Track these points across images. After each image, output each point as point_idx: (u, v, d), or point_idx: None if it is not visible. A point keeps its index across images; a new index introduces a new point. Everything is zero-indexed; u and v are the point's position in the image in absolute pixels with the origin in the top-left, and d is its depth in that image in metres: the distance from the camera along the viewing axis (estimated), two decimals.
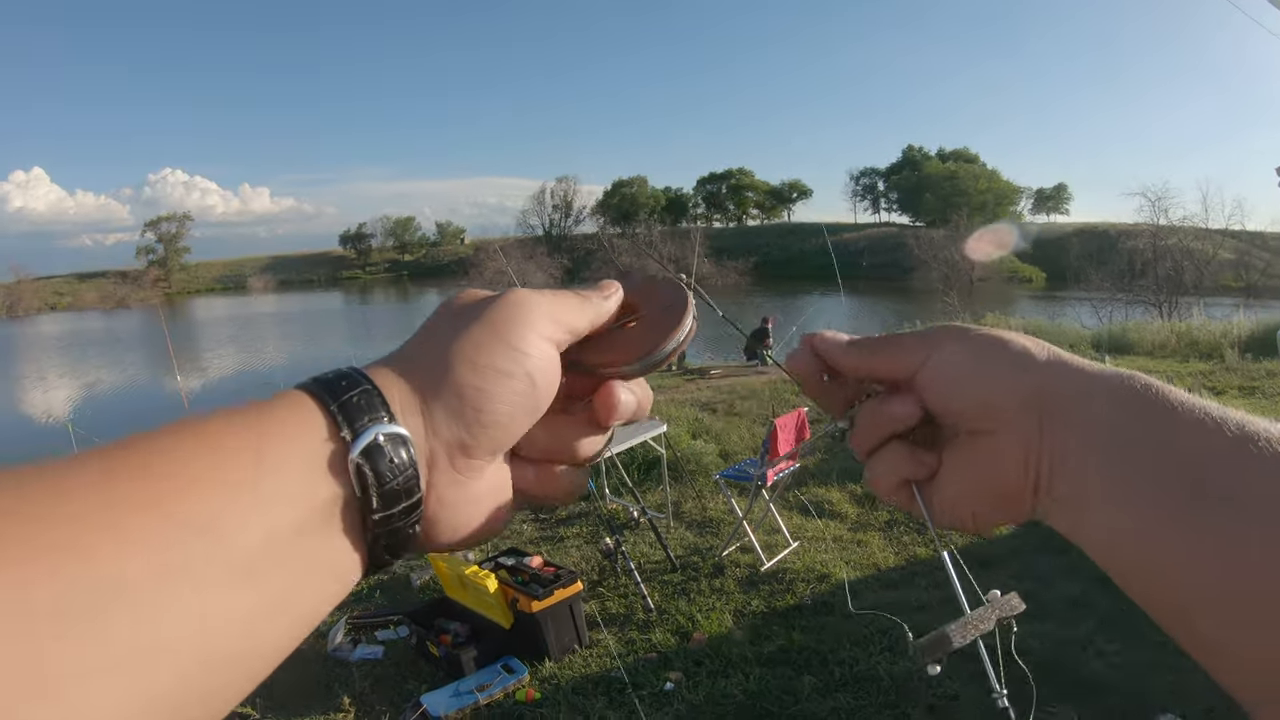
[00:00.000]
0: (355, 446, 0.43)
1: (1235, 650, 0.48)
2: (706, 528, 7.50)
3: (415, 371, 0.49)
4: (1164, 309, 28.43)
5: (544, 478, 0.57)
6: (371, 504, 0.44)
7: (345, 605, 6.51)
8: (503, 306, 0.52)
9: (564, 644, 5.35)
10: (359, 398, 0.45)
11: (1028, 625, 5.20)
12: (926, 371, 0.61)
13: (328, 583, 0.44)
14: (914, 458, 0.64)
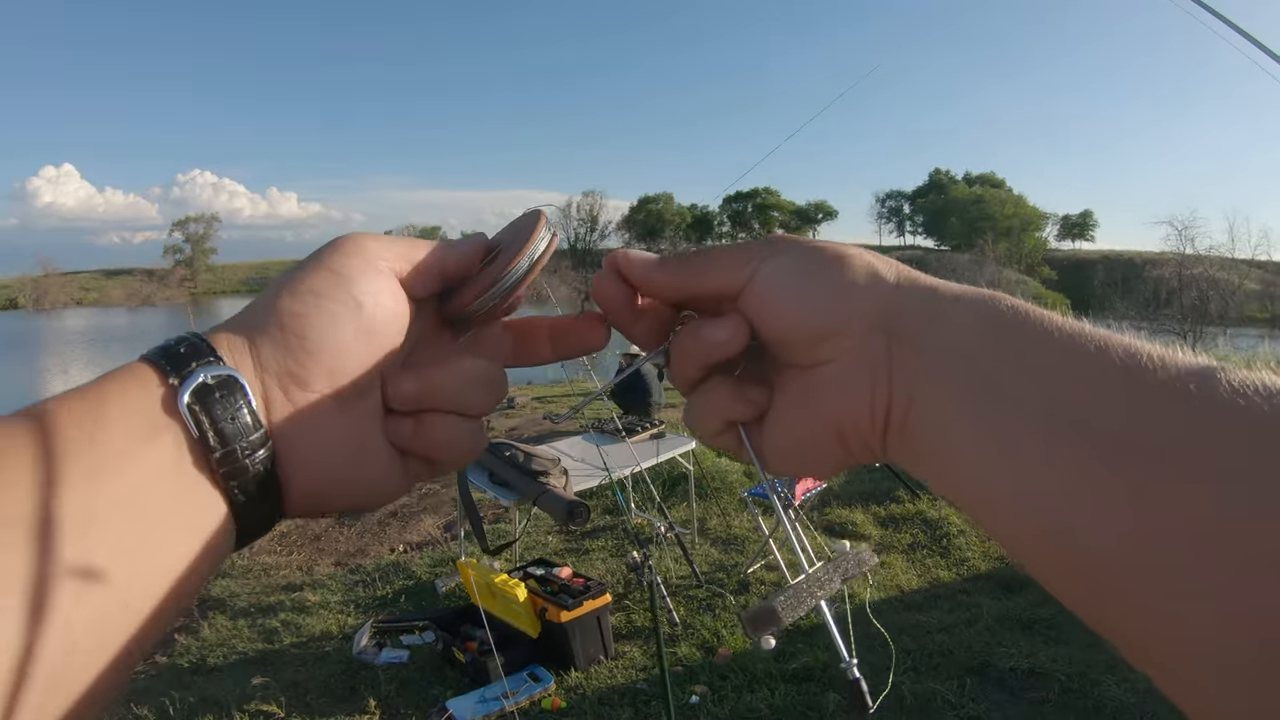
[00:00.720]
0: (183, 391, 0.43)
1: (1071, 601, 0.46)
2: (731, 544, 7.53)
3: (243, 317, 0.50)
4: (1188, 339, 28.18)
5: (421, 431, 0.54)
6: (209, 442, 0.44)
7: (371, 609, 6.57)
8: (336, 243, 0.53)
9: (590, 655, 5.38)
10: (185, 348, 0.46)
11: (1049, 649, 5.23)
12: (751, 290, 0.53)
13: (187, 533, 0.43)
14: (739, 395, 0.56)
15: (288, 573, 7.78)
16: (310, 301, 0.49)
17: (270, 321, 0.48)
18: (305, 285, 0.49)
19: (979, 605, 6.00)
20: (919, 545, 7.45)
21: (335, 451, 0.50)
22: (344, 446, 0.51)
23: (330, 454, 0.50)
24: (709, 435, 0.59)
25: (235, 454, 0.44)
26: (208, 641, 6.29)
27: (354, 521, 9.16)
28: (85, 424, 0.40)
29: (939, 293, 0.50)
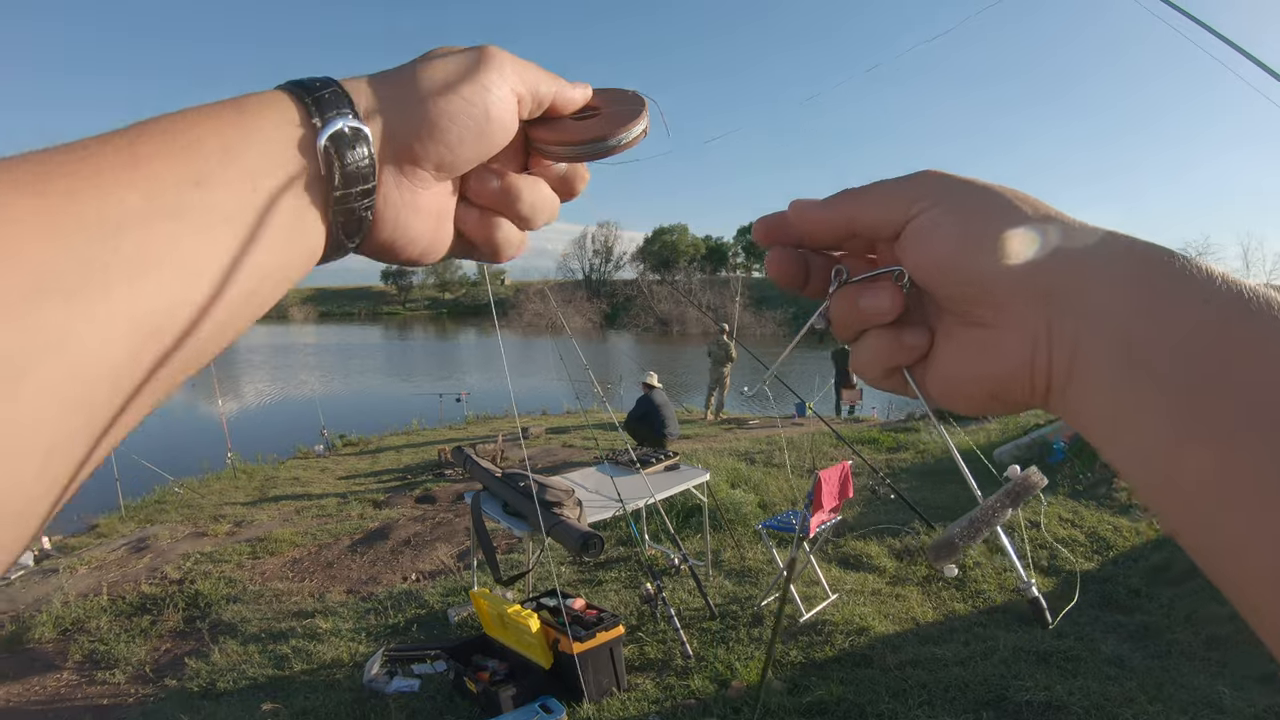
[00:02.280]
0: (323, 133, 0.50)
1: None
2: (745, 577, 7.49)
3: (385, 84, 0.55)
4: None
5: (484, 224, 0.64)
6: (334, 182, 0.51)
7: (382, 638, 6.55)
8: (482, 52, 0.58)
9: (603, 687, 5.35)
10: (329, 95, 0.52)
11: (1067, 682, 5.18)
12: (909, 237, 0.54)
13: (294, 245, 0.51)
14: (899, 343, 0.59)
15: (300, 599, 7.77)
16: (455, 102, 0.55)
17: (409, 100, 0.55)
18: (453, 86, 0.56)
19: (995, 638, 5.95)
20: (934, 578, 7.40)
21: (417, 219, 0.58)
22: (425, 216, 0.59)
23: (413, 219, 0.58)
24: (873, 381, 0.62)
25: (349, 197, 0.52)
26: (218, 666, 6.28)
27: (366, 550, 9.16)
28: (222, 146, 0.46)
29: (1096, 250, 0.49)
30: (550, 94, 0.62)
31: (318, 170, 0.51)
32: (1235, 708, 4.79)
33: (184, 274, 0.43)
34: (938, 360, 0.58)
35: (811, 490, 6.42)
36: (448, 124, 0.56)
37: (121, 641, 6.93)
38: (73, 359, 0.37)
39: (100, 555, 9.62)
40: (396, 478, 13.83)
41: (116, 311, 0.39)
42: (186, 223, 0.43)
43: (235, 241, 0.46)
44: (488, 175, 0.62)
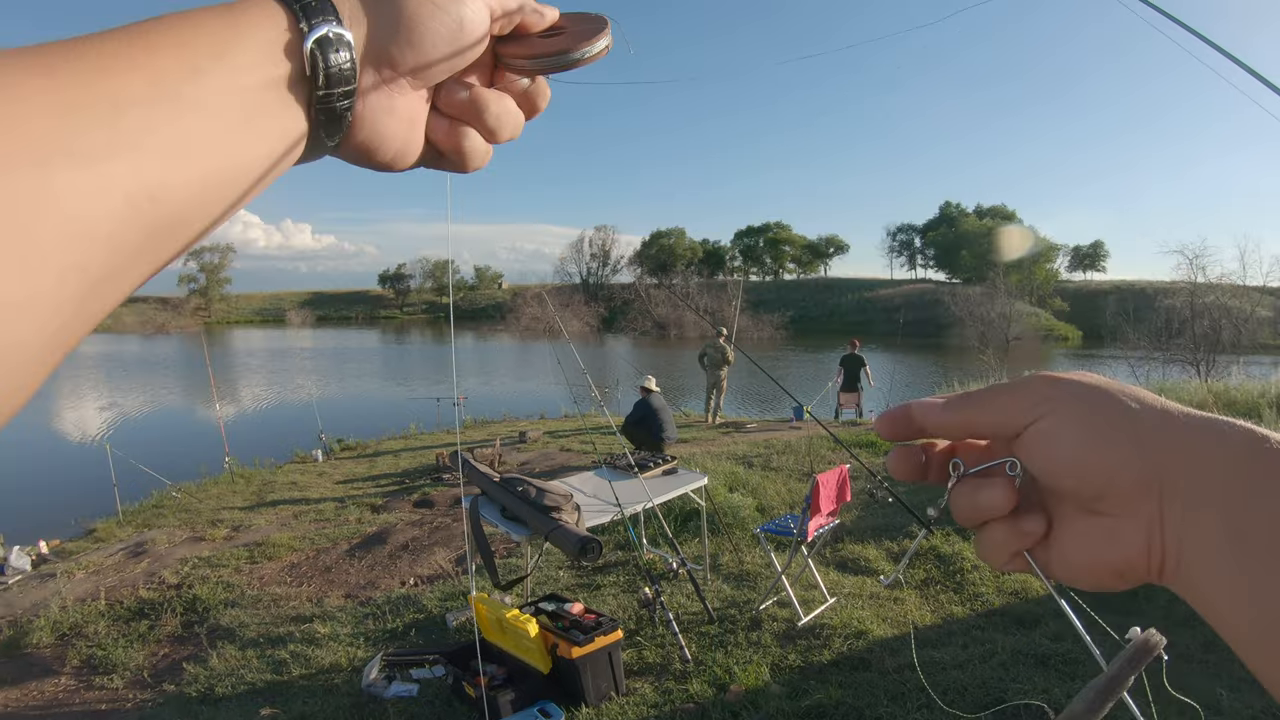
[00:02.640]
0: (309, 37, 0.53)
1: None
2: (744, 581, 7.49)
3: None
4: (1201, 368, 28.07)
5: (453, 133, 0.66)
6: (318, 82, 0.54)
7: (381, 642, 6.55)
8: None
9: (602, 691, 5.35)
10: (315, 2, 0.54)
11: (1066, 685, 5.19)
12: (1030, 439, 0.58)
13: (278, 137, 0.54)
14: (1018, 531, 0.61)
15: (298, 604, 7.77)
16: (430, 10, 0.59)
17: (391, 11, 0.58)
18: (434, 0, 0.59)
19: (993, 641, 5.96)
20: (932, 581, 7.41)
21: (392, 122, 0.61)
22: (400, 121, 0.62)
23: (388, 122, 0.61)
24: (998, 566, 0.64)
25: (331, 97, 0.55)
26: (216, 671, 6.28)
27: (364, 555, 9.15)
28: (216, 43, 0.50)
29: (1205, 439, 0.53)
30: (519, 9, 0.66)
31: (303, 71, 0.54)
32: (1233, 709, 4.80)
33: (177, 153, 0.46)
34: (1060, 546, 0.61)
35: (809, 494, 6.43)
36: (424, 31, 0.59)
37: (119, 646, 6.93)
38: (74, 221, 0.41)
39: (98, 560, 9.62)
40: (394, 482, 13.83)
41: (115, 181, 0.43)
42: (183, 107, 0.46)
43: (224, 128, 0.49)
44: (457, 87, 0.65)
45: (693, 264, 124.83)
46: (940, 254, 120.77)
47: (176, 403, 32.61)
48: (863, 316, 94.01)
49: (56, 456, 20.17)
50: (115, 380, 42.38)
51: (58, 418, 28.58)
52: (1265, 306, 45.63)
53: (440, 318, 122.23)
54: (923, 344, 61.81)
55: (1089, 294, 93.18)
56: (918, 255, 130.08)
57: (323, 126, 0.57)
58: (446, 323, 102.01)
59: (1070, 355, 59.51)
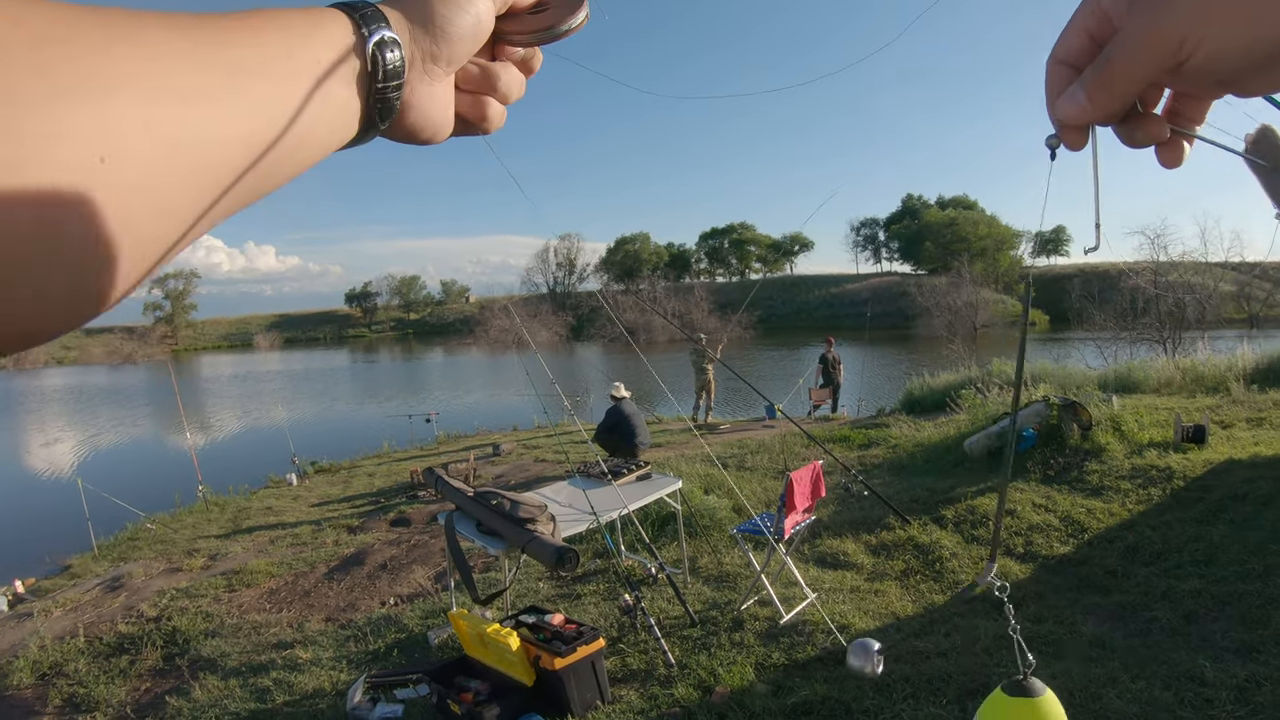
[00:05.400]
0: (370, 39, 0.64)
1: None
2: (724, 582, 7.49)
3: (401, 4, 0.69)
4: (1168, 345, 28.28)
5: (476, 104, 0.79)
6: (377, 76, 0.65)
7: (363, 664, 6.52)
8: None
9: (587, 700, 5.34)
10: (371, 12, 0.66)
11: (1049, 666, 5.21)
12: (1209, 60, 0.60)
13: (343, 116, 0.65)
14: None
15: (278, 630, 7.72)
16: (455, 10, 0.71)
17: (426, 16, 0.70)
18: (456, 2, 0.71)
19: (975, 627, 5.99)
20: (912, 571, 7.44)
21: (434, 106, 0.74)
22: (439, 104, 0.75)
23: (430, 107, 0.73)
24: None
25: (386, 89, 0.67)
26: (199, 703, 6.23)
27: (343, 577, 9.11)
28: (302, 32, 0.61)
29: None
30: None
31: (365, 67, 0.65)
32: (1218, 679, 4.83)
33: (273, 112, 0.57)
34: None
35: (784, 492, 6.44)
36: (453, 30, 0.71)
37: (101, 683, 6.87)
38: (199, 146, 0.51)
39: (75, 596, 9.54)
40: (370, 502, 13.79)
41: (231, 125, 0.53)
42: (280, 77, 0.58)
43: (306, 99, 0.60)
44: (471, 65, 0.78)
45: (659, 268, 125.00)
46: (904, 246, 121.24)
47: (147, 433, 32.36)
48: (830, 312, 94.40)
49: (28, 494, 20.02)
50: (84, 413, 42.08)
51: (27, 454, 28.36)
52: (1228, 281, 46.13)
53: (409, 334, 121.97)
54: (891, 336, 62.08)
55: (1053, 278, 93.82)
56: (882, 248, 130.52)
57: (378, 112, 0.68)
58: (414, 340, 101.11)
59: (1038, 340, 59.83)
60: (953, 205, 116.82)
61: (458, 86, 0.79)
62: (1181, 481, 8.62)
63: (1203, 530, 7.29)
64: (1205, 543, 7.03)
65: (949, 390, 16.20)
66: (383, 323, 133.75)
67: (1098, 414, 10.54)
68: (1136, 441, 10.00)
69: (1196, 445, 9.58)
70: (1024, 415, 10.81)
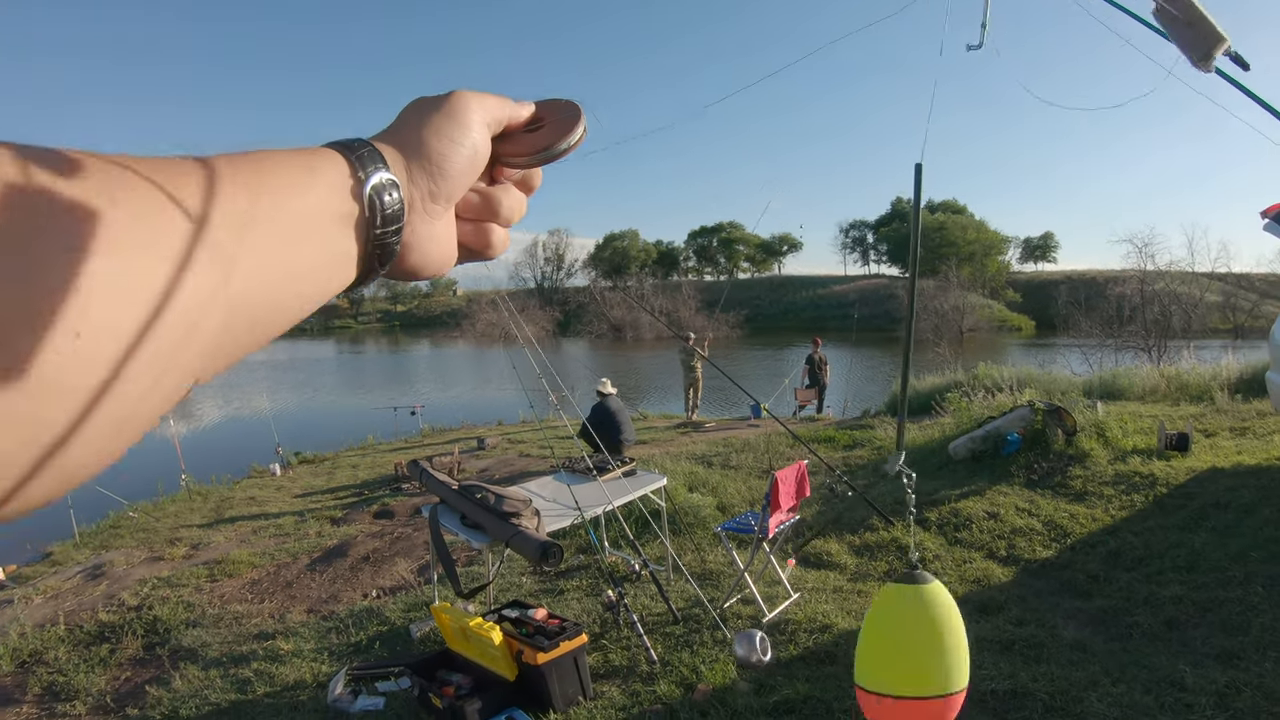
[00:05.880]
0: (367, 183, 0.63)
1: None
2: (707, 580, 7.49)
3: (397, 142, 0.68)
4: (1153, 353, 28.41)
5: (479, 232, 0.78)
6: (375, 222, 0.63)
7: (345, 657, 6.50)
8: (456, 99, 0.72)
9: (569, 696, 5.33)
10: (368, 154, 0.64)
11: (1030, 669, 5.23)
12: None
13: (340, 265, 0.63)
14: None
15: (260, 621, 7.70)
16: (450, 146, 0.70)
17: (422, 154, 0.68)
18: (445, 132, 0.70)
19: None
20: (895, 572, 7.44)
21: (435, 246, 0.72)
22: (440, 241, 0.73)
23: (431, 246, 0.72)
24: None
25: (386, 234, 0.65)
26: (179, 693, 6.20)
27: (325, 569, 9.09)
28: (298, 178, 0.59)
29: None
30: (506, 117, 0.76)
31: (363, 212, 0.63)
32: (1198, 685, 4.85)
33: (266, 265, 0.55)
34: None
35: (769, 491, 6.44)
36: (449, 165, 0.69)
37: (81, 672, 6.83)
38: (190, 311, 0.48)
39: (56, 584, 9.50)
40: (353, 494, 13.75)
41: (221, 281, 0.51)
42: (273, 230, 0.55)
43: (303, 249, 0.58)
44: (471, 193, 0.76)
45: (647, 265, 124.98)
46: (893, 249, 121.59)
47: None
48: (817, 313, 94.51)
49: None
50: None
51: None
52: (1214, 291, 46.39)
53: (395, 326, 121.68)
54: (878, 338, 62.12)
55: (1040, 284, 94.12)
56: (870, 251, 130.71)
57: (377, 257, 0.66)
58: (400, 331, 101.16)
59: (1024, 345, 60.02)
60: (942, 209, 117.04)
61: (459, 215, 0.77)
62: (1164, 488, 8.65)
63: (1185, 537, 7.32)
64: (1187, 549, 7.05)
65: (934, 393, 16.22)
66: (369, 314, 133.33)
67: (1082, 420, 10.58)
68: (1120, 448, 10.04)
69: (1180, 453, 9.62)
70: (1009, 420, 10.86)
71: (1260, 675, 4.90)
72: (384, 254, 0.66)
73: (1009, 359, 28.80)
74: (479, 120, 0.73)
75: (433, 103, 0.73)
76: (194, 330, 0.49)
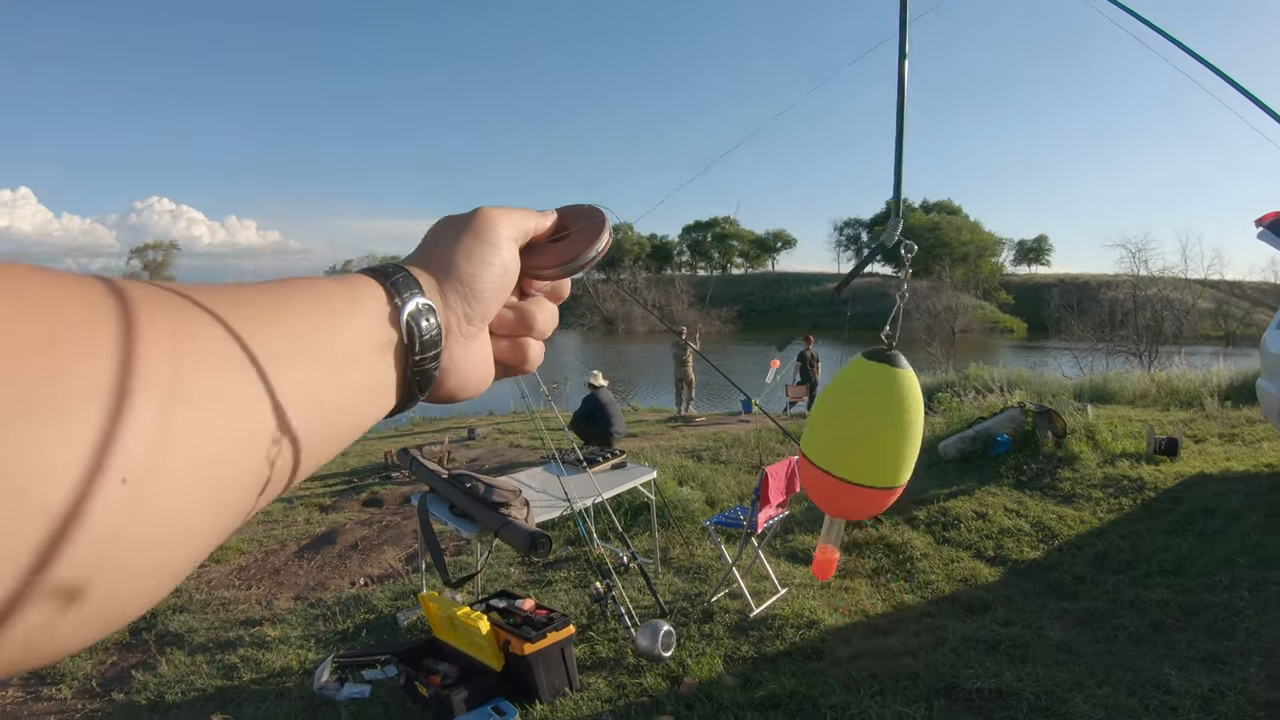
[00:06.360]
0: (404, 309, 0.62)
1: None
2: (695, 574, 7.50)
3: (430, 266, 0.69)
4: (1144, 358, 28.49)
5: (515, 348, 0.80)
6: (415, 349, 0.63)
7: (332, 644, 6.50)
8: (482, 219, 0.73)
9: (555, 687, 5.33)
10: (403, 279, 0.64)
11: (1016, 668, 5.24)
12: None
13: (380, 394, 0.63)
14: None
15: (247, 607, 7.69)
16: (481, 267, 0.70)
17: (454, 277, 0.69)
18: (476, 254, 0.71)
19: (944, 627, 6.01)
20: (883, 570, 7.47)
21: (475, 365, 0.73)
22: (478, 362, 0.73)
23: (469, 367, 0.72)
24: None
25: (425, 360, 0.65)
26: (166, 678, 6.19)
27: (313, 556, 9.09)
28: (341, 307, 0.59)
29: None
30: (532, 229, 0.77)
31: (401, 339, 0.63)
32: (1182, 688, 4.86)
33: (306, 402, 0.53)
34: None
35: (759, 486, 6.44)
36: (481, 286, 0.70)
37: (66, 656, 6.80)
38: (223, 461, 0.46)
39: None
40: (342, 481, 13.73)
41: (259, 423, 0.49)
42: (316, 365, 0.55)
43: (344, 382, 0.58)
44: (505, 310, 0.78)
45: (640, 259, 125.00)
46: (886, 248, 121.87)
47: None
48: (810, 310, 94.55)
49: None
50: None
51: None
52: (1206, 299, 46.53)
53: None
54: (870, 336, 61.17)
55: (1033, 287, 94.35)
56: (864, 249, 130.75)
57: (416, 383, 0.66)
58: None
59: (1016, 347, 60.18)
60: (937, 209, 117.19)
61: (493, 332, 0.77)
62: (1153, 492, 8.68)
63: (1172, 541, 7.35)
64: (1174, 553, 7.08)
65: (925, 392, 16.21)
66: None
67: (1072, 422, 10.61)
68: (1110, 451, 10.07)
69: (1169, 457, 9.65)
70: (999, 420, 10.88)
71: (1244, 680, 4.91)
72: (423, 380, 0.66)
73: (1000, 360, 28.88)
74: (507, 237, 0.74)
75: (460, 223, 0.74)
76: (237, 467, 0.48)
